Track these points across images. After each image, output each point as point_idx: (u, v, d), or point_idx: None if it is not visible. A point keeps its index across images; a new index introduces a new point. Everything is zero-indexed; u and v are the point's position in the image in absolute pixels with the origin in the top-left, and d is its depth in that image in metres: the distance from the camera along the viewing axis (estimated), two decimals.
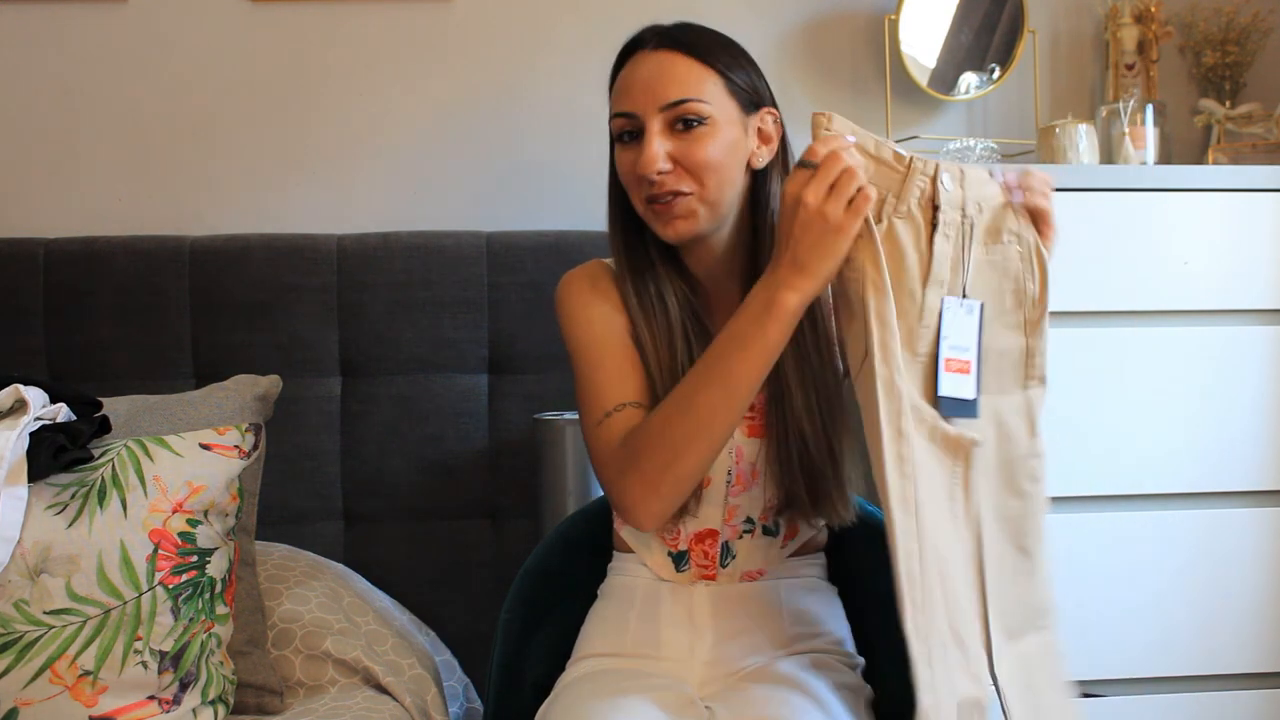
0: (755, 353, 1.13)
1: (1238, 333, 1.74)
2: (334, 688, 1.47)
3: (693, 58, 1.25)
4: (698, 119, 1.23)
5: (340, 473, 1.86)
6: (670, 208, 1.24)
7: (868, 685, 1.32)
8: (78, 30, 2.01)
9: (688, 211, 1.25)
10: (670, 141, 1.23)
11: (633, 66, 1.27)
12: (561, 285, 1.36)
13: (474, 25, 2.06)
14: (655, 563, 1.34)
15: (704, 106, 1.23)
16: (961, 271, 1.16)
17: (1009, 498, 1.18)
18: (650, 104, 1.24)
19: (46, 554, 1.29)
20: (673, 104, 1.23)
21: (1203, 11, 2.12)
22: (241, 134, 2.03)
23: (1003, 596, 1.16)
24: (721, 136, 1.24)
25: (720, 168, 1.24)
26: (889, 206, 1.14)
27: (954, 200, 1.14)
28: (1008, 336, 1.19)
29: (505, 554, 1.86)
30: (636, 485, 1.19)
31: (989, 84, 2.08)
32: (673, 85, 1.24)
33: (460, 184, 2.06)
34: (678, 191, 1.24)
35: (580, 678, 1.29)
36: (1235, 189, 1.74)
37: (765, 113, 1.29)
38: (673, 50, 1.26)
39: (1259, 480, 1.74)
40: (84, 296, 1.83)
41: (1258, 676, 1.75)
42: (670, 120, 1.24)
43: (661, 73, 1.25)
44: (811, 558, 1.38)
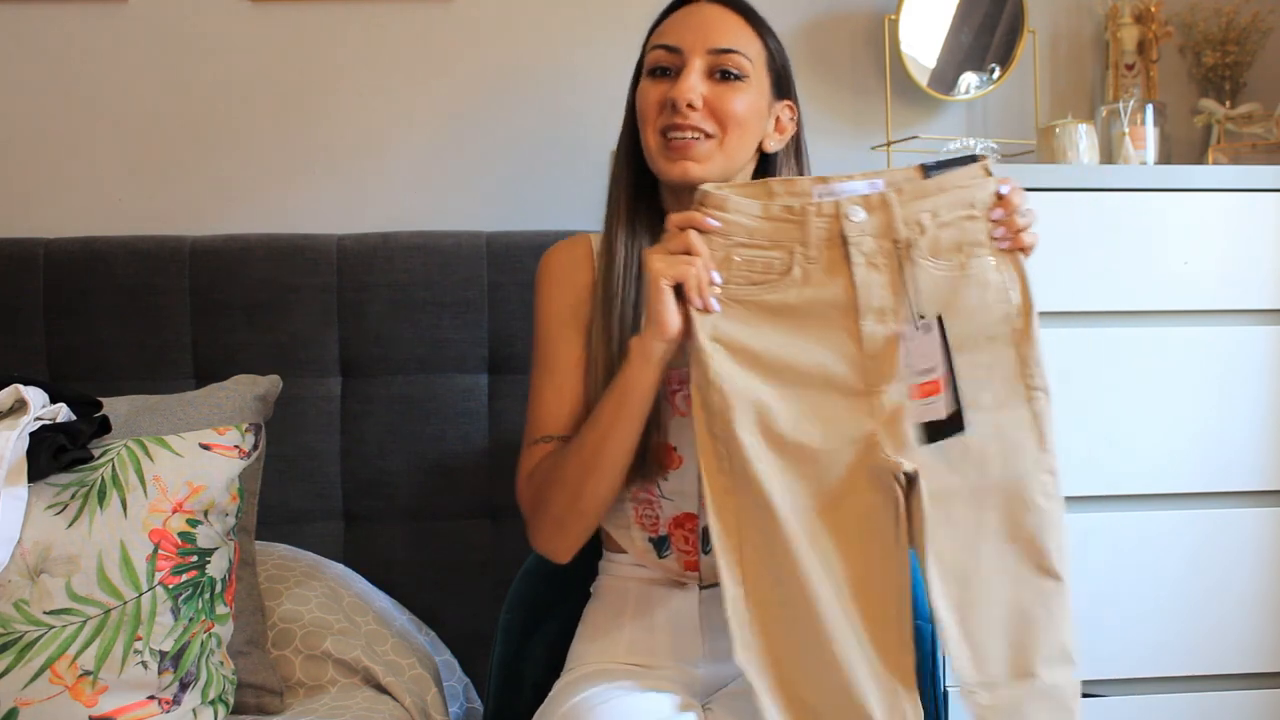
0: (626, 396, 1.19)
1: (1238, 333, 1.74)
2: (334, 688, 1.47)
3: (741, 18, 1.30)
4: (738, 73, 1.27)
5: (340, 473, 1.86)
6: (688, 146, 1.27)
7: None
8: (78, 30, 2.01)
9: (704, 155, 1.27)
10: (706, 85, 1.27)
11: (687, 12, 1.31)
12: (541, 262, 1.41)
13: (474, 25, 2.06)
14: (637, 551, 1.34)
15: (747, 64, 1.28)
16: (908, 295, 1.16)
17: (1023, 516, 1.16)
18: (698, 43, 1.27)
19: (46, 554, 1.29)
20: (722, 50, 1.27)
21: (1203, 11, 2.12)
22: (241, 134, 2.03)
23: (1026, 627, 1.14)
24: (753, 98, 1.28)
25: (745, 125, 1.28)
26: (799, 256, 1.17)
27: (869, 228, 1.16)
28: (996, 349, 1.18)
29: (505, 554, 1.86)
30: (545, 526, 1.28)
31: (989, 84, 2.08)
32: (725, 34, 1.28)
33: (460, 184, 2.06)
34: (700, 130, 1.26)
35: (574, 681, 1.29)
36: (1235, 189, 1.74)
37: (787, 104, 1.33)
38: (729, 8, 1.30)
39: (1260, 480, 1.74)
40: (84, 296, 1.83)
41: (1258, 676, 1.75)
42: (712, 66, 1.27)
43: (717, 21, 1.29)
44: None
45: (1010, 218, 1.17)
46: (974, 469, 1.16)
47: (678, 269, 1.14)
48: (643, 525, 1.33)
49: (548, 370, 1.35)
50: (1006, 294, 1.18)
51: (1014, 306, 1.18)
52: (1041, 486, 1.17)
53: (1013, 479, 1.17)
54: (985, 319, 1.18)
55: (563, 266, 1.38)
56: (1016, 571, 1.15)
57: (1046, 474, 1.18)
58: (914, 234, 1.16)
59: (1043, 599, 1.15)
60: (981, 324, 1.17)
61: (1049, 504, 1.17)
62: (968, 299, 1.17)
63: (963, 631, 1.14)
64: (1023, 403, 1.18)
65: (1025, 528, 1.16)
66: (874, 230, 1.16)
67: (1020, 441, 1.18)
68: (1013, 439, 1.18)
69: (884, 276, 1.16)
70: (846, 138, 2.10)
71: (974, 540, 1.16)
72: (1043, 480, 1.18)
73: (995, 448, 1.17)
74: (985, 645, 1.14)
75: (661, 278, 1.14)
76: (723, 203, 1.17)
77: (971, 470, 1.16)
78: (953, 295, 1.17)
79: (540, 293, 1.39)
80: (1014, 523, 1.16)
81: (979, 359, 1.17)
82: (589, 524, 1.27)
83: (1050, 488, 1.18)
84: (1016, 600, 1.15)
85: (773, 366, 1.17)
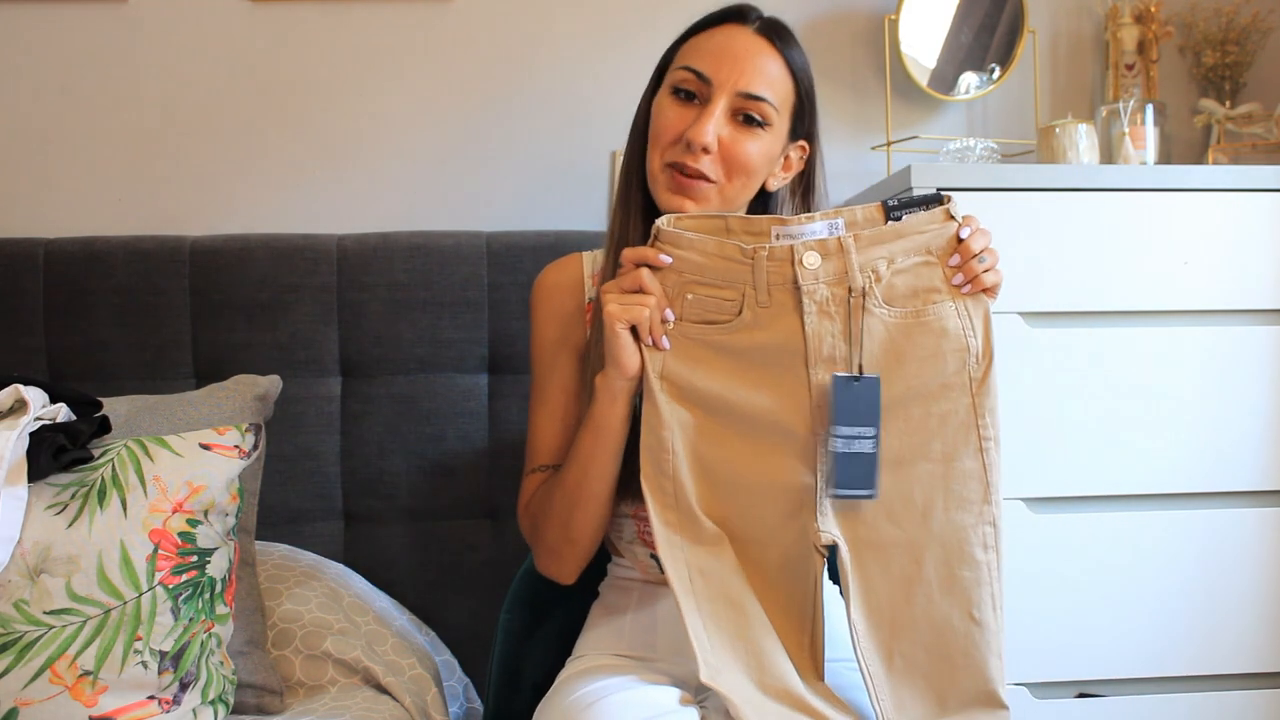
0: (600, 432, 1.21)
1: (1238, 333, 1.74)
2: (334, 688, 1.47)
3: (786, 65, 1.26)
4: (761, 120, 1.24)
5: (340, 473, 1.86)
6: (690, 186, 1.25)
7: None
8: (78, 30, 2.01)
9: (703, 196, 1.26)
10: (727, 126, 1.24)
11: (729, 34, 1.26)
12: (534, 285, 1.41)
13: (474, 25, 2.07)
14: (640, 566, 1.35)
15: (773, 113, 1.25)
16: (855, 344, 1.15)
17: (959, 568, 1.16)
18: (729, 81, 1.24)
19: (46, 554, 1.29)
20: (752, 96, 1.24)
21: (1203, 11, 2.12)
22: (241, 134, 2.03)
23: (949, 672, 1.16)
24: (768, 145, 1.26)
25: (752, 173, 1.26)
26: (749, 298, 1.16)
27: (824, 274, 1.14)
28: (952, 397, 1.17)
29: (505, 554, 1.86)
30: (543, 554, 1.31)
31: (989, 84, 2.08)
32: (758, 77, 1.24)
33: (460, 184, 2.06)
34: (704, 175, 1.25)
35: (575, 675, 1.29)
36: (1235, 189, 1.74)
37: (800, 144, 1.31)
38: (773, 45, 1.26)
39: (1259, 480, 1.74)
40: (84, 296, 1.83)
41: (1258, 676, 1.75)
42: (737, 109, 1.24)
43: (754, 57, 1.25)
44: None
45: (967, 263, 1.15)
46: (915, 521, 1.17)
47: (631, 312, 1.15)
48: (644, 542, 1.34)
49: (541, 399, 1.37)
50: (965, 340, 1.17)
51: (973, 353, 1.17)
52: (981, 538, 1.17)
53: (953, 531, 1.17)
54: (940, 367, 1.16)
55: (550, 293, 1.39)
56: (945, 619, 1.16)
57: (988, 525, 1.17)
58: (869, 281, 1.15)
59: (967, 644, 1.16)
60: (936, 371, 1.16)
61: (987, 556, 1.17)
62: (923, 346, 1.16)
63: (887, 674, 1.16)
64: (974, 453, 1.17)
65: (960, 579, 1.16)
66: (828, 277, 1.15)
67: (966, 494, 1.17)
68: (958, 492, 1.17)
69: (837, 325, 1.15)
70: (846, 138, 2.10)
71: (908, 589, 1.17)
72: (984, 532, 1.17)
73: (940, 500, 1.17)
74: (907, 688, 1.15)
75: (616, 322, 1.15)
76: (676, 239, 1.16)
77: (911, 522, 1.17)
78: (907, 342, 1.16)
79: (533, 318, 1.40)
80: (949, 574, 1.16)
81: (932, 408, 1.17)
82: (584, 550, 1.28)
83: (990, 539, 1.17)
84: (940, 646, 1.16)
85: (715, 407, 1.18)
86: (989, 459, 1.17)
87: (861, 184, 2.03)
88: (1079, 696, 1.72)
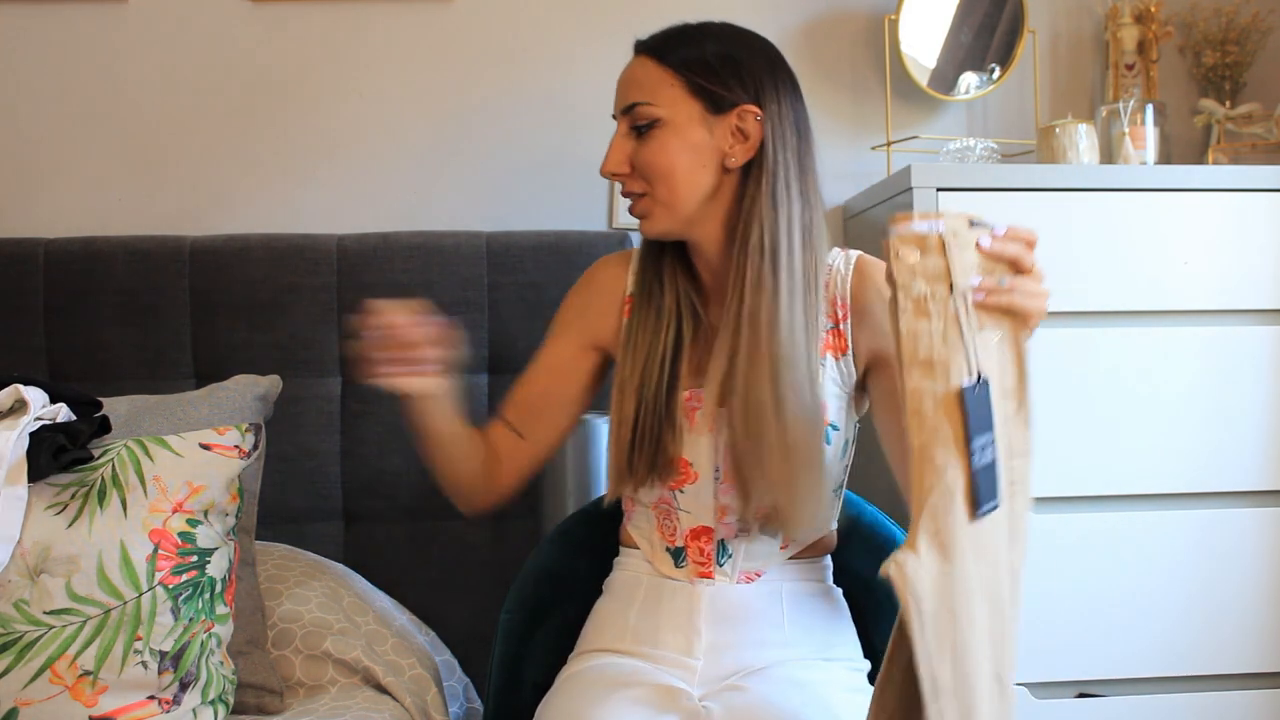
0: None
1: (1238, 333, 1.74)
2: (334, 688, 1.47)
3: (655, 60, 1.28)
4: (648, 122, 1.26)
5: (340, 473, 1.86)
6: (634, 206, 1.30)
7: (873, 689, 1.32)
8: (78, 30, 2.01)
9: (644, 212, 1.30)
10: (630, 144, 1.28)
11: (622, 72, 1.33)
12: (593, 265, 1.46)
13: (474, 25, 2.07)
14: (656, 558, 1.35)
15: (654, 110, 1.26)
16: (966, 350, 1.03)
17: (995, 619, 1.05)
18: (617, 106, 1.31)
19: (46, 554, 1.29)
20: (627, 108, 1.29)
21: (1203, 11, 2.12)
22: (241, 134, 2.03)
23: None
24: (677, 140, 1.26)
25: (671, 172, 1.26)
26: None
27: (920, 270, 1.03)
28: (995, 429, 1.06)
29: (505, 554, 1.86)
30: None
31: (989, 84, 2.08)
32: (632, 89, 1.29)
33: (460, 184, 2.06)
34: (633, 193, 1.29)
35: (578, 673, 1.30)
36: (1235, 189, 1.74)
37: (743, 111, 1.26)
38: (643, 54, 1.30)
39: (1259, 480, 1.74)
40: (84, 296, 1.83)
41: (1258, 676, 1.75)
42: (630, 125, 1.29)
43: (629, 77, 1.30)
44: (815, 561, 1.37)
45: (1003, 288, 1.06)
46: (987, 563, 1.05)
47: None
48: (662, 534, 1.34)
49: (535, 358, 1.43)
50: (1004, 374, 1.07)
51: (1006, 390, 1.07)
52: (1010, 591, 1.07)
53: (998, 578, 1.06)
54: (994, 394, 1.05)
55: (599, 277, 1.43)
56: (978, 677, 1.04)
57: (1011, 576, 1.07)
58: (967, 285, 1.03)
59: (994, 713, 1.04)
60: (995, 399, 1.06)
61: (1011, 610, 1.07)
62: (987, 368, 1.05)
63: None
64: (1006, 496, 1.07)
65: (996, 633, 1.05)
66: (929, 273, 1.03)
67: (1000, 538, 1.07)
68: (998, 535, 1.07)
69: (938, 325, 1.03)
70: (846, 138, 2.10)
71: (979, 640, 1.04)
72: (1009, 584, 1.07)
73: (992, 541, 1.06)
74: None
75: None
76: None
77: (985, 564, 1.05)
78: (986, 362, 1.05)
79: (572, 290, 1.45)
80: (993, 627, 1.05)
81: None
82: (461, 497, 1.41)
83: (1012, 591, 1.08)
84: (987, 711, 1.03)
85: None
86: (1015, 505, 1.07)
87: (861, 184, 2.03)
88: (1079, 696, 1.72)
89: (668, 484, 1.31)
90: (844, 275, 1.31)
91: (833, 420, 1.29)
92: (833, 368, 1.30)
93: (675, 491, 1.31)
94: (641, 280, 1.36)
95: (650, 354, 1.31)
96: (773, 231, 1.24)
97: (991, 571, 1.06)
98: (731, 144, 1.26)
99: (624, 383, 1.32)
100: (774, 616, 1.31)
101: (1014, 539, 1.08)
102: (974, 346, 1.04)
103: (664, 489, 1.32)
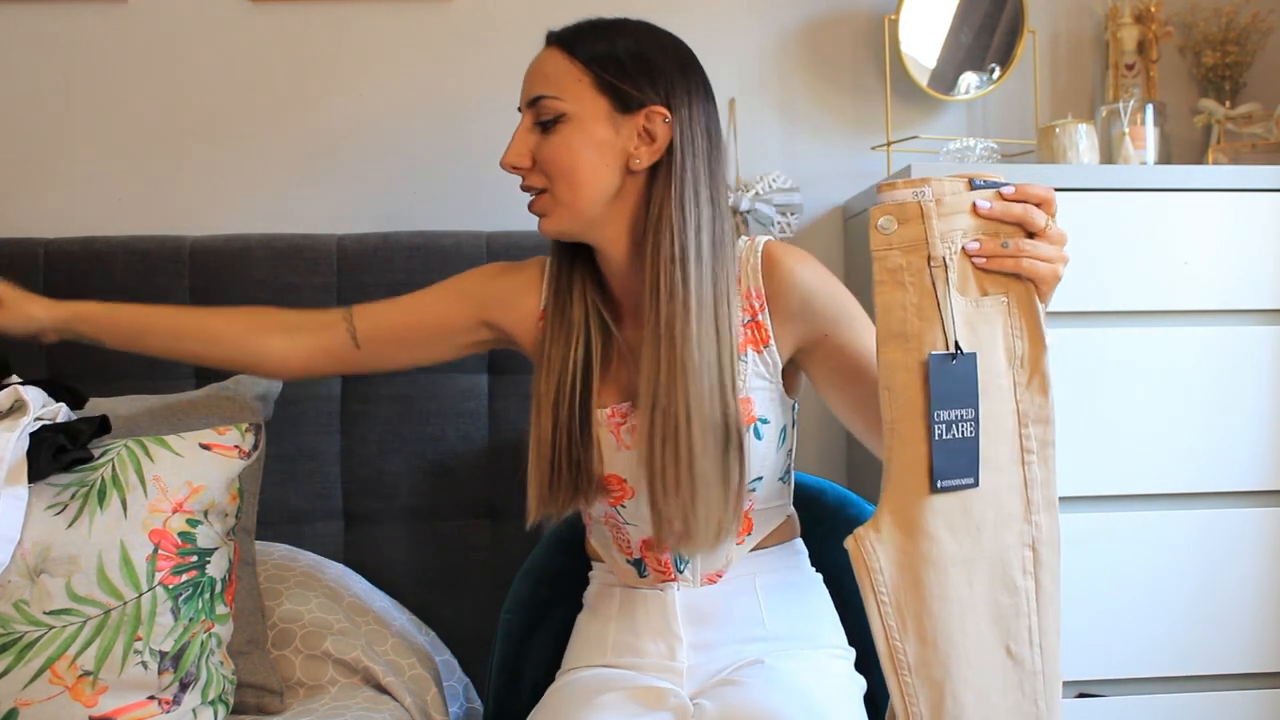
0: None
1: (1238, 333, 1.74)
2: (334, 688, 1.47)
3: (564, 53, 1.25)
4: (552, 117, 1.23)
5: (340, 473, 1.86)
6: (533, 203, 1.28)
7: (861, 676, 1.32)
8: (78, 30, 2.01)
9: (542, 209, 1.27)
10: (534, 138, 1.25)
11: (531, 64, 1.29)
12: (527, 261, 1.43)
13: (474, 25, 2.06)
14: (619, 570, 1.35)
15: (558, 104, 1.23)
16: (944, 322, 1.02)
17: (1000, 593, 1.06)
18: (523, 99, 1.27)
19: (46, 554, 1.29)
20: (532, 101, 1.25)
21: (1203, 11, 2.12)
22: (241, 134, 2.03)
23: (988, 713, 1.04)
24: (581, 136, 1.22)
25: (572, 169, 1.23)
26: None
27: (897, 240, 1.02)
28: (1001, 399, 1.05)
29: (505, 554, 1.86)
30: None
31: (989, 84, 2.08)
32: (538, 81, 1.26)
33: (460, 184, 2.06)
34: (533, 188, 1.27)
35: (565, 684, 1.30)
36: (1235, 189, 1.74)
37: (651, 112, 1.22)
38: (554, 46, 1.27)
39: (1259, 480, 1.74)
40: (84, 296, 1.82)
41: (1258, 676, 1.75)
42: (533, 119, 1.26)
43: (537, 69, 1.27)
44: (782, 549, 1.35)
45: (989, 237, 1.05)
46: (971, 535, 1.05)
47: None
48: (620, 547, 1.34)
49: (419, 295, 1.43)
50: (1011, 340, 1.07)
51: (1018, 355, 1.07)
52: (1021, 561, 1.07)
53: (998, 550, 1.06)
54: (994, 363, 1.05)
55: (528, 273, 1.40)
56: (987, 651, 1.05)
57: (1027, 549, 1.08)
58: (948, 253, 1.02)
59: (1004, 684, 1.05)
60: (990, 367, 1.05)
61: (1025, 582, 1.07)
62: (985, 337, 1.05)
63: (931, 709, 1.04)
64: (1015, 464, 1.07)
65: (1000, 605, 1.06)
66: (903, 243, 1.02)
67: (1009, 509, 1.07)
68: (1004, 505, 1.06)
69: (911, 297, 1.02)
70: (846, 138, 2.10)
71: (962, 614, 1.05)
72: (1023, 555, 1.07)
73: (990, 514, 1.06)
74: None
75: None
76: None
77: (968, 536, 1.05)
78: (970, 331, 1.04)
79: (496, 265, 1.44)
80: (993, 599, 1.05)
81: (991, 408, 1.05)
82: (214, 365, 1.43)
83: (1029, 564, 1.08)
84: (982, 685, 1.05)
85: None
86: (1030, 473, 1.07)
87: (861, 184, 2.03)
88: (1079, 696, 1.72)
89: (605, 501, 1.30)
90: (754, 265, 1.27)
91: (761, 415, 1.27)
92: (755, 362, 1.27)
93: (617, 507, 1.30)
94: (555, 291, 1.32)
95: (563, 372, 1.28)
96: (682, 239, 1.20)
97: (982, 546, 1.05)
98: (637, 145, 1.23)
99: (540, 400, 1.29)
100: (751, 610, 1.30)
101: (1035, 509, 1.07)
102: (952, 318, 1.02)
103: (605, 504, 1.31)
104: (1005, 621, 1.06)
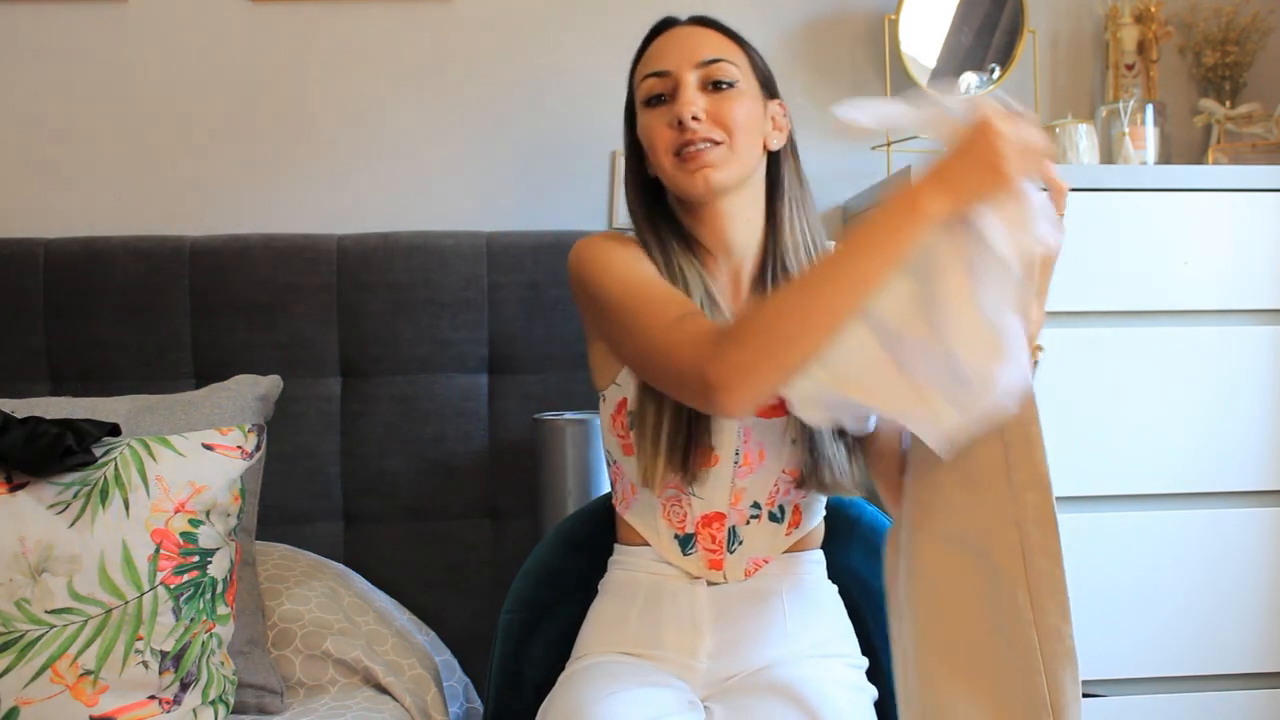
0: (886, 253, 1.08)
1: (1238, 333, 1.74)
2: (334, 688, 1.47)
3: (724, 34, 1.34)
4: (729, 81, 1.30)
5: (340, 473, 1.86)
6: (702, 155, 1.28)
7: (873, 686, 1.32)
8: (78, 30, 2.01)
9: (719, 160, 1.28)
10: (704, 97, 1.29)
11: (666, 38, 1.34)
12: (580, 244, 1.32)
13: (474, 25, 2.06)
14: (663, 547, 1.34)
15: (735, 70, 1.31)
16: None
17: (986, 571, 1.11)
18: (686, 61, 1.30)
19: (48, 553, 1.29)
20: (708, 61, 1.30)
21: (1203, 11, 2.12)
22: (241, 134, 2.03)
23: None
24: (748, 103, 1.31)
25: (747, 128, 1.30)
26: None
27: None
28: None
29: (505, 554, 1.86)
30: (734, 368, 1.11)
31: (989, 84, 2.08)
32: (708, 47, 1.31)
33: (460, 184, 2.06)
34: (710, 139, 1.28)
35: (580, 670, 1.29)
36: (1235, 189, 1.74)
37: (778, 104, 1.36)
38: (705, 26, 1.35)
39: (1259, 480, 1.74)
40: (84, 296, 1.83)
41: (1258, 676, 1.75)
42: (704, 79, 1.30)
43: (697, 37, 1.33)
44: (808, 556, 1.37)
45: None
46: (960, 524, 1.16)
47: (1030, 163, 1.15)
48: (669, 521, 1.33)
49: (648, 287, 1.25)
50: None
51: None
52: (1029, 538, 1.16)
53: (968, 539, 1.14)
54: None
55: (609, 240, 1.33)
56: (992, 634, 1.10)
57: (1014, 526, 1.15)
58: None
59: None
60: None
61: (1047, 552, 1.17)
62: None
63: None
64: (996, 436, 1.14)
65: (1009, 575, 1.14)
66: None
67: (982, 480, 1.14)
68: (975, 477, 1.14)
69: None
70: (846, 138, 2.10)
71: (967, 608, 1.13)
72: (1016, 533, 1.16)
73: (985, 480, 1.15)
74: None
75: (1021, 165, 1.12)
76: None
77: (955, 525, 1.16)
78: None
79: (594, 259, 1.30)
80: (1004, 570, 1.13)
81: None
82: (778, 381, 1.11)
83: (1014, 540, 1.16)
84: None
85: None
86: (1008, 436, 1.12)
87: (861, 184, 2.03)
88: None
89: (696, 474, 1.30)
90: None
91: None
92: None
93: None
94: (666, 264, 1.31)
95: None
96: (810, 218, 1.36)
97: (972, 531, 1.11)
98: (772, 128, 1.34)
99: None
100: (775, 614, 1.31)
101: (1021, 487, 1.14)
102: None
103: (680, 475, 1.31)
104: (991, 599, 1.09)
